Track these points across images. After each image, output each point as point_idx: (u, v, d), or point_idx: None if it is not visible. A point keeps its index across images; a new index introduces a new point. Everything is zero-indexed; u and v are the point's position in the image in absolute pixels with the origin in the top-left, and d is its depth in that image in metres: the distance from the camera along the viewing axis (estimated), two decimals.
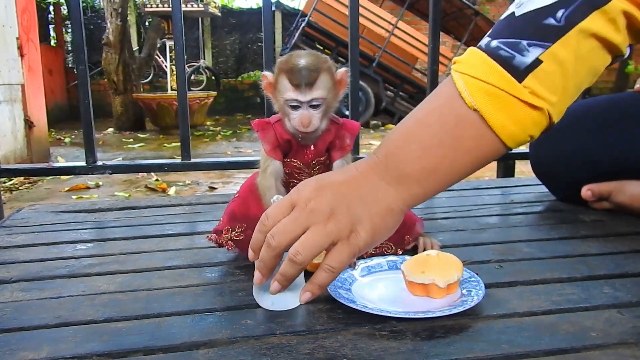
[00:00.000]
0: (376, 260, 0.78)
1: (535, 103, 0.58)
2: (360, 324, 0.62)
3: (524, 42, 0.58)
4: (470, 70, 0.59)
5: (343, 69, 0.81)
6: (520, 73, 0.58)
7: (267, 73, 0.80)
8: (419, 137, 0.62)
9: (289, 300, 0.64)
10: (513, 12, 0.61)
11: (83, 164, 1.49)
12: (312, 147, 0.81)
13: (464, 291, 0.68)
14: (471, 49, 0.62)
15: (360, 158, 1.58)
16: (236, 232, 0.82)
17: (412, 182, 0.61)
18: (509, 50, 0.58)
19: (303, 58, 0.76)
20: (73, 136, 6.24)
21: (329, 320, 0.63)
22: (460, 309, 0.62)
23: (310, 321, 0.63)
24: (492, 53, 0.59)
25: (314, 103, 0.76)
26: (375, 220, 0.60)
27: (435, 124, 0.61)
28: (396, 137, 0.64)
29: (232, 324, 0.63)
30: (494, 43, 0.60)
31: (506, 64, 0.58)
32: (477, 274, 0.72)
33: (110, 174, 1.56)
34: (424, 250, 0.83)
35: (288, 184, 0.83)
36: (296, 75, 0.75)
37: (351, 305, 0.64)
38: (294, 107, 0.76)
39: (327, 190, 0.60)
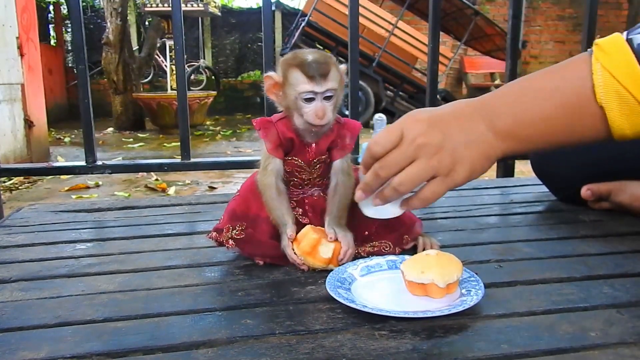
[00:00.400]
0: (376, 260, 0.78)
1: None
2: (359, 324, 0.62)
3: None
4: (613, 67, 0.61)
5: (344, 65, 0.81)
6: None
7: (272, 73, 0.80)
8: (538, 108, 0.65)
9: (389, 211, 0.72)
10: None
11: (83, 163, 1.50)
12: (313, 145, 0.81)
13: (463, 291, 0.68)
14: (619, 38, 0.62)
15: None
16: (236, 231, 0.82)
17: (516, 141, 0.66)
18: None
19: (310, 54, 0.77)
20: (73, 136, 6.24)
21: (328, 320, 0.63)
22: (460, 308, 0.62)
23: (309, 321, 0.63)
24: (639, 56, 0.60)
25: (328, 94, 0.77)
26: (474, 163, 0.66)
27: (557, 102, 0.64)
28: (512, 96, 0.68)
29: (232, 324, 0.63)
30: None
31: None
32: (476, 274, 0.71)
33: (110, 173, 1.56)
34: (424, 250, 0.83)
35: (288, 182, 0.83)
36: (310, 68, 0.76)
37: (350, 304, 0.64)
38: (308, 100, 0.77)
39: (437, 129, 0.66)
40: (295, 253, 0.78)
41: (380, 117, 0.79)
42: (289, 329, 0.61)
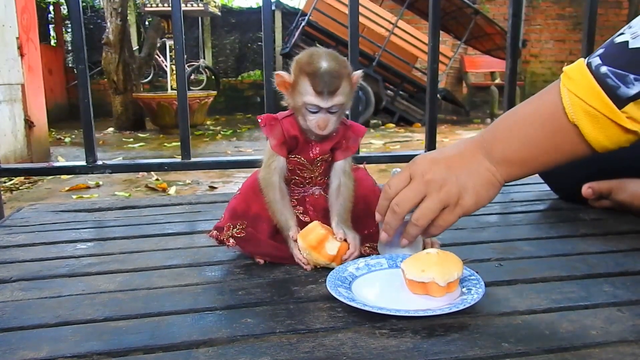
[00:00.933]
0: (376, 259, 0.78)
1: (631, 127, 0.67)
2: (360, 323, 0.62)
3: (632, 76, 0.66)
4: (577, 90, 0.68)
5: (359, 72, 0.81)
6: (622, 101, 0.67)
7: (282, 73, 0.80)
8: (523, 133, 0.73)
9: (401, 250, 0.79)
10: (627, 42, 0.67)
11: (83, 163, 1.49)
12: (317, 145, 0.82)
13: (463, 289, 0.68)
14: (581, 65, 0.70)
15: (361, 157, 1.57)
16: (237, 229, 0.82)
17: (511, 166, 0.74)
18: (616, 81, 0.66)
19: (325, 61, 0.75)
20: (73, 136, 6.24)
21: (328, 318, 0.63)
22: (460, 307, 0.62)
23: (310, 320, 0.63)
24: (600, 79, 0.67)
25: (333, 110, 0.77)
26: (478, 189, 0.73)
27: (538, 126, 0.72)
28: (502, 127, 0.76)
29: (232, 323, 0.63)
30: (604, 69, 0.67)
31: (611, 92, 0.67)
32: (477, 273, 0.72)
33: (110, 173, 1.56)
34: (424, 248, 0.83)
35: (290, 180, 0.83)
36: (319, 82, 0.74)
37: (351, 303, 0.64)
38: (313, 112, 0.77)
39: (440, 164, 0.74)
40: (300, 251, 0.79)
41: (398, 170, 0.82)
42: (289, 327, 0.61)
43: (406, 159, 1.78)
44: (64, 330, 0.62)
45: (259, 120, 0.82)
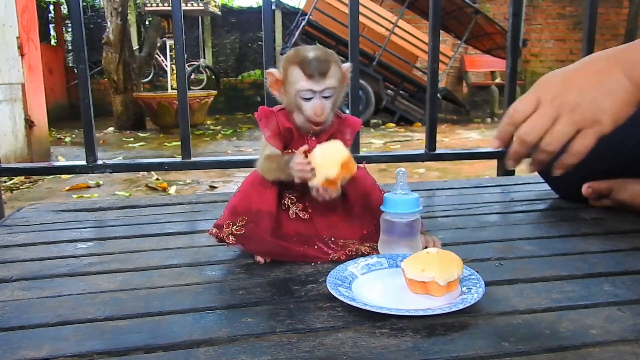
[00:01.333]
0: (376, 258, 0.78)
1: None
2: (360, 322, 0.62)
3: None
4: None
5: (347, 64, 0.82)
6: None
7: (273, 70, 0.81)
8: None
9: (401, 249, 0.78)
10: None
11: (83, 163, 1.50)
12: (313, 138, 0.82)
13: (464, 289, 0.68)
14: None
15: (361, 157, 1.57)
16: (237, 226, 0.82)
17: None
18: None
19: (312, 51, 0.78)
20: (73, 135, 6.24)
21: (329, 318, 0.63)
22: (460, 306, 0.62)
23: (310, 319, 0.63)
24: None
25: (326, 94, 0.77)
26: (617, 110, 0.69)
27: None
28: None
29: (233, 322, 0.63)
30: None
31: None
32: (477, 272, 0.72)
33: (111, 172, 1.56)
34: (426, 248, 0.83)
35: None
36: (309, 66, 0.76)
37: (351, 303, 0.64)
38: (307, 99, 0.77)
39: (572, 86, 0.69)
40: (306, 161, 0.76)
41: (402, 170, 0.81)
42: (289, 327, 0.61)
43: (406, 158, 1.78)
44: (64, 330, 0.62)
45: (256, 113, 0.83)
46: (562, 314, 0.63)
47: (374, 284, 0.72)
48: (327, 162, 0.75)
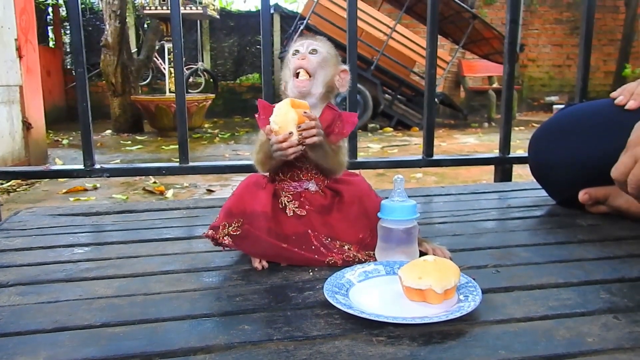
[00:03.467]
0: (373, 265, 0.78)
1: None
2: (357, 330, 0.62)
3: None
4: None
5: (344, 66, 0.90)
6: None
7: (283, 77, 0.92)
8: None
9: (397, 256, 0.80)
10: None
11: (81, 167, 1.49)
12: None
13: (460, 296, 0.68)
14: None
15: (359, 163, 1.57)
16: (233, 228, 0.82)
17: None
18: None
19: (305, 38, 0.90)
20: (71, 137, 6.23)
21: (326, 325, 0.63)
22: (457, 314, 0.62)
23: (307, 327, 0.63)
24: None
25: (313, 53, 0.87)
26: None
27: None
28: None
29: (230, 329, 0.63)
30: None
31: None
32: (474, 280, 0.72)
33: (108, 177, 1.56)
34: (422, 255, 0.83)
35: (285, 174, 0.87)
36: (299, 39, 0.89)
37: (348, 310, 0.64)
38: (294, 55, 0.88)
39: None
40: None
41: (399, 176, 0.83)
42: (286, 334, 0.61)
43: (404, 164, 1.78)
44: (61, 336, 0.62)
45: (258, 104, 0.91)
46: (558, 322, 0.63)
47: (371, 291, 0.72)
48: (283, 119, 0.80)
